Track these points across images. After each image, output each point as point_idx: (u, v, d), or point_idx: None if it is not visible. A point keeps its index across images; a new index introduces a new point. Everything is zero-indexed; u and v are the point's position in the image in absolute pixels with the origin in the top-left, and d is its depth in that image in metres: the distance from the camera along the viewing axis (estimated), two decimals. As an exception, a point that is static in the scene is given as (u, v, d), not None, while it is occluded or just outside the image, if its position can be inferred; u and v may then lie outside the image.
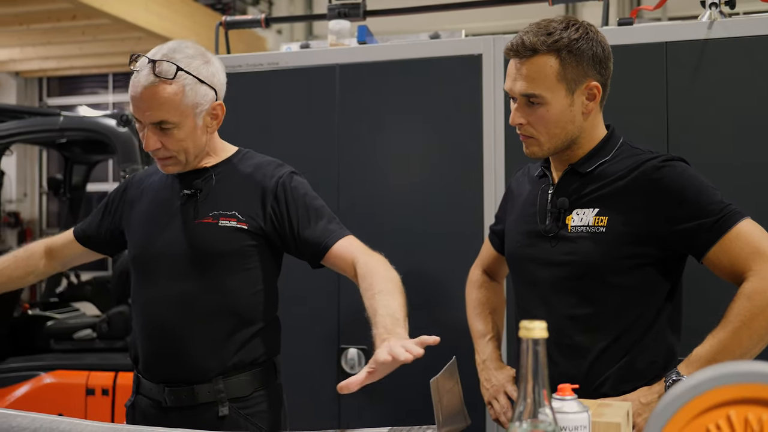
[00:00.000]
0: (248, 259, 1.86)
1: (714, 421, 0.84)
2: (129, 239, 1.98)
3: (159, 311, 1.86)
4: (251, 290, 1.87)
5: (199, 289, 1.84)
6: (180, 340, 1.83)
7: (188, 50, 1.80)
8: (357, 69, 2.72)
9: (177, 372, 1.82)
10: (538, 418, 0.93)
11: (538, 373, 0.94)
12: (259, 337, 1.87)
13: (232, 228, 1.83)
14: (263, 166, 1.92)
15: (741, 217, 1.59)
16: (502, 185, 2.54)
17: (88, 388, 3.61)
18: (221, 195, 1.87)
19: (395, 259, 2.65)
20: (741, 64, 2.37)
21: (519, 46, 1.68)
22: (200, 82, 1.79)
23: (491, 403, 1.88)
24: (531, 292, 1.77)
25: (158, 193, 1.94)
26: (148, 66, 1.74)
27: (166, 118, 1.76)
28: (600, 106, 1.74)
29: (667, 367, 1.66)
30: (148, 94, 1.74)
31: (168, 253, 1.86)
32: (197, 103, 1.80)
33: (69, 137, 3.94)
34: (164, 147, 1.80)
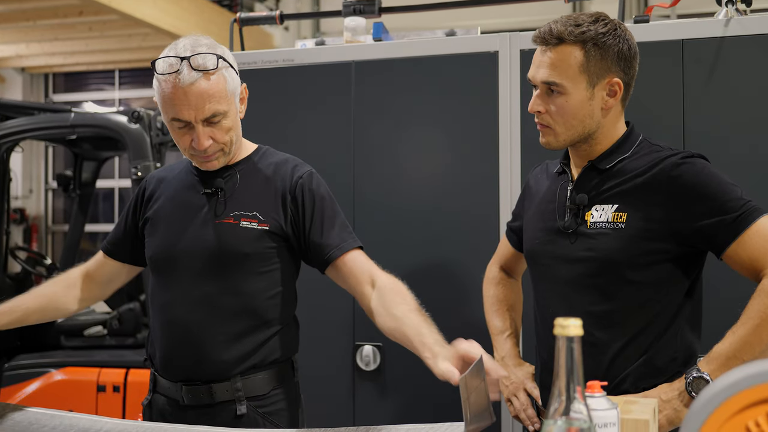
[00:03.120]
0: (268, 261, 1.85)
1: (753, 419, 0.85)
2: (147, 239, 1.95)
3: (178, 312, 1.85)
4: (271, 292, 1.86)
5: (219, 291, 1.83)
6: (199, 340, 1.83)
7: (206, 41, 1.79)
8: (373, 66, 2.72)
9: (195, 371, 1.82)
10: (572, 415, 0.93)
11: (572, 371, 0.94)
12: (278, 337, 1.87)
13: (252, 229, 1.82)
14: (283, 165, 1.91)
15: (760, 214, 1.59)
16: (518, 182, 2.54)
17: (99, 384, 3.63)
18: (242, 195, 1.86)
19: (410, 254, 2.67)
20: (758, 61, 2.37)
21: (546, 34, 1.69)
22: (230, 66, 1.80)
23: (511, 400, 1.89)
24: (550, 288, 1.78)
25: (178, 192, 1.93)
26: (184, 64, 1.70)
27: (218, 109, 1.74)
28: (622, 105, 1.74)
29: (686, 363, 1.67)
30: (196, 91, 1.70)
31: (188, 253, 1.85)
32: (235, 87, 1.80)
33: (80, 134, 3.94)
34: (215, 141, 1.77)
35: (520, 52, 2.57)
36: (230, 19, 2.95)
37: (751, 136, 2.37)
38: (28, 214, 12.11)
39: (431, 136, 2.69)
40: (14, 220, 11.00)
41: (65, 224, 11.52)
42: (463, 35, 2.76)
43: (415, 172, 2.70)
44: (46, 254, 5.08)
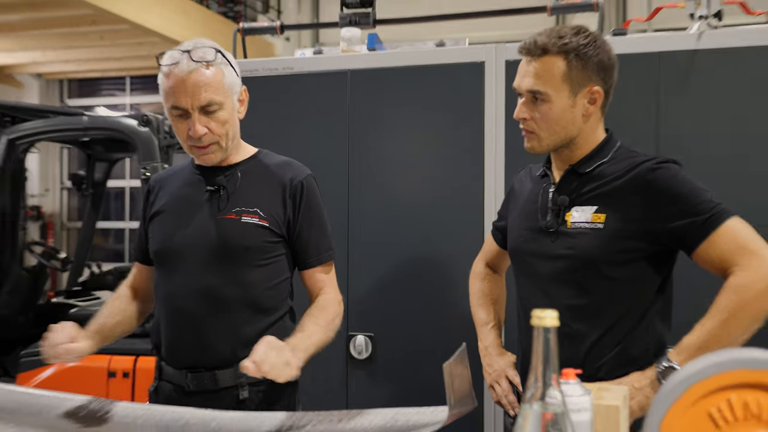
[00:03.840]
0: (267, 254, 1.85)
1: (715, 405, 0.85)
2: (151, 233, 1.95)
3: (182, 302, 1.84)
4: (269, 283, 1.86)
5: (221, 282, 1.82)
6: (202, 329, 1.82)
7: (208, 42, 1.81)
8: (367, 74, 2.73)
9: (199, 359, 1.82)
10: (547, 400, 0.94)
11: (548, 359, 0.94)
12: (276, 326, 1.86)
13: (253, 224, 1.82)
14: (283, 166, 1.91)
15: (729, 216, 1.60)
16: (503, 184, 2.55)
17: (110, 371, 3.62)
18: (244, 192, 1.86)
19: (402, 250, 2.67)
20: (728, 72, 2.39)
21: (531, 45, 1.69)
22: (230, 65, 1.81)
23: (493, 386, 1.89)
24: (532, 283, 1.78)
25: (181, 190, 1.93)
26: (184, 56, 1.73)
27: (213, 98, 1.75)
28: (601, 112, 1.75)
29: (658, 354, 1.67)
30: (193, 79, 1.72)
31: (191, 246, 1.84)
32: (233, 84, 1.81)
33: (92, 136, 3.94)
34: (210, 131, 1.77)
35: (505, 63, 2.57)
36: (234, 29, 2.95)
37: (721, 143, 2.38)
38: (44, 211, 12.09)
39: (422, 141, 2.70)
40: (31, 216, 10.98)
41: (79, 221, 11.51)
42: (451, 46, 2.77)
43: (407, 174, 2.70)
44: (60, 249, 5.06)
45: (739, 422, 0.85)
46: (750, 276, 1.55)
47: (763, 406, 0.85)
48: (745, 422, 0.85)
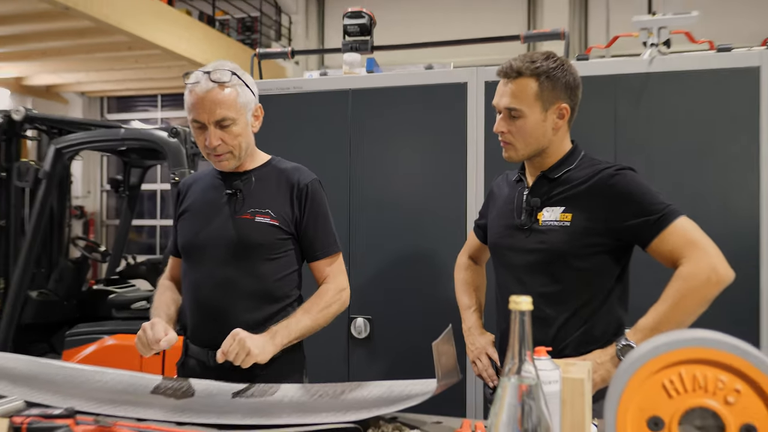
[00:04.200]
0: (278, 249, 1.84)
1: (668, 377, 0.85)
2: (180, 230, 1.94)
3: (205, 290, 1.84)
4: (279, 275, 1.85)
5: (238, 273, 1.81)
6: (222, 313, 1.82)
7: (228, 65, 1.80)
8: (366, 93, 2.72)
9: (219, 338, 1.79)
10: (523, 374, 0.93)
11: (524, 338, 0.94)
12: (286, 312, 1.84)
13: (266, 224, 1.81)
14: (293, 172, 1.90)
15: (678, 215, 1.60)
16: (482, 188, 2.55)
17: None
18: (257, 195, 1.85)
19: (396, 245, 2.67)
20: (676, 93, 2.39)
21: (508, 69, 1.69)
22: (246, 86, 1.79)
23: (475, 362, 1.89)
24: (509, 273, 1.78)
25: (205, 193, 1.92)
26: (204, 77, 1.73)
27: (227, 114, 1.74)
28: (568, 126, 1.74)
29: (617, 334, 1.67)
30: (209, 98, 1.72)
31: (212, 242, 1.84)
32: (247, 102, 1.79)
33: (128, 146, 3.92)
34: (224, 142, 1.77)
35: (484, 83, 2.57)
36: (251, 54, 2.94)
37: (669, 152, 2.39)
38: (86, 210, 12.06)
39: (413, 150, 2.69)
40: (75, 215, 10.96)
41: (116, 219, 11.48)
42: (438, 69, 2.76)
43: (400, 179, 2.70)
44: (100, 243, 5.04)
45: (688, 392, 0.85)
46: (696, 267, 1.55)
47: (708, 378, 0.85)
48: (693, 392, 0.85)
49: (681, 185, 2.33)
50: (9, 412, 1.34)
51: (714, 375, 0.84)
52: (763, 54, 2.32)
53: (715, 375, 0.84)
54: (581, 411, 1.15)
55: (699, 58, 2.40)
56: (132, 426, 1.31)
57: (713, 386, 0.84)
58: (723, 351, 0.84)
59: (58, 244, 4.36)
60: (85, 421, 1.24)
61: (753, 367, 0.81)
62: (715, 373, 0.84)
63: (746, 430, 0.81)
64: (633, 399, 0.87)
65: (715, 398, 0.83)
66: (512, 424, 0.89)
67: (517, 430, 0.88)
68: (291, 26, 11.77)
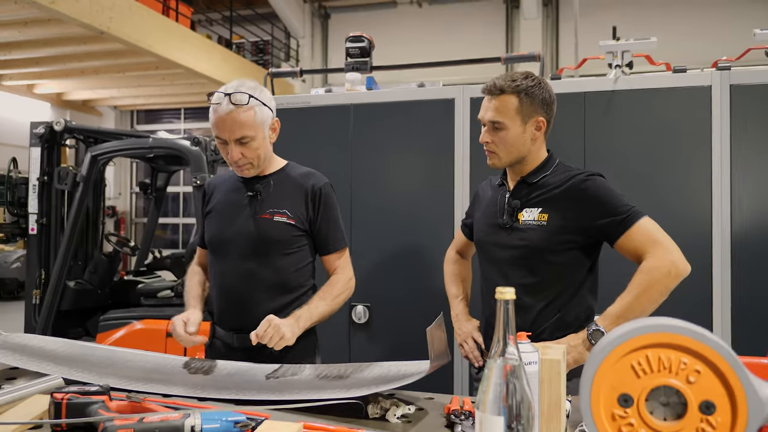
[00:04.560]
0: (293, 245, 1.82)
1: (636, 359, 0.84)
2: (207, 226, 1.93)
3: (230, 281, 1.83)
4: (295, 267, 1.83)
5: (258, 266, 1.80)
6: (245, 301, 1.80)
7: (249, 83, 1.77)
8: (366, 108, 2.71)
9: (242, 323, 1.78)
10: (507, 356, 0.93)
11: (508, 324, 0.93)
12: (301, 300, 1.82)
13: (283, 223, 1.80)
14: (307, 176, 1.88)
15: (641, 216, 1.60)
16: (468, 191, 2.54)
17: (168, 332, 3.59)
18: (276, 197, 1.83)
19: (392, 242, 2.66)
20: (637, 108, 2.39)
21: (492, 87, 1.68)
22: (263, 104, 1.76)
23: (462, 344, 1.88)
24: (493, 267, 1.77)
25: (229, 195, 1.90)
26: (225, 98, 1.70)
27: (245, 134, 1.72)
28: (545, 137, 1.74)
29: (588, 320, 1.66)
30: (229, 119, 1.70)
31: (236, 239, 1.82)
32: (264, 120, 1.76)
33: (156, 153, 3.91)
34: (244, 156, 1.76)
35: (470, 99, 2.57)
36: (263, 73, 2.92)
37: (632, 159, 2.38)
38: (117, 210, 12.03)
39: (407, 158, 2.68)
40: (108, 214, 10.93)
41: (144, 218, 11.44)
42: (429, 87, 2.76)
43: (396, 183, 2.69)
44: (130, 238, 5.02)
45: (654, 373, 0.84)
46: (657, 261, 1.54)
47: (672, 360, 0.84)
48: (658, 373, 0.84)
49: (642, 188, 2.33)
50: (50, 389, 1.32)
51: (677, 357, 0.83)
52: (713, 74, 2.32)
53: (678, 357, 0.83)
54: (558, 389, 1.15)
55: (658, 78, 2.40)
56: (159, 401, 1.29)
57: (676, 367, 0.83)
58: (685, 336, 0.83)
59: (93, 240, 4.34)
60: (118, 397, 1.23)
61: (712, 350, 0.81)
62: (678, 356, 0.83)
63: (706, 406, 0.80)
64: (605, 378, 0.87)
65: (678, 378, 0.83)
66: (498, 401, 0.88)
67: (502, 405, 0.87)
68: (299, 48, 11.77)
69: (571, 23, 10.08)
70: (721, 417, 0.79)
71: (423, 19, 11.14)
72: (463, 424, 1.23)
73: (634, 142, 2.38)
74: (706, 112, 2.30)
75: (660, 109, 2.36)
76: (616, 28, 3.75)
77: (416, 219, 2.63)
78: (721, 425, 0.79)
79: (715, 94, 2.29)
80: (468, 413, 1.25)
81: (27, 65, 9.18)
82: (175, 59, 8.35)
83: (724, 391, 0.79)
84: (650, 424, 0.82)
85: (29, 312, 3.98)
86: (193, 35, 9.04)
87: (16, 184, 4.62)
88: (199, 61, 8.83)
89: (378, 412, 1.30)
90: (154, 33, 8.01)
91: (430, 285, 2.55)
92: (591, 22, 8.81)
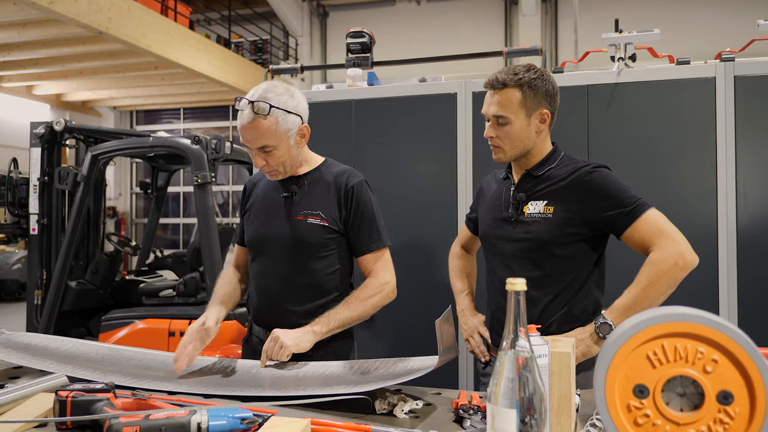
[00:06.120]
0: (327, 247, 1.77)
1: (652, 349, 0.83)
2: (246, 225, 1.89)
3: (266, 280, 1.80)
4: (329, 270, 1.78)
5: (292, 268, 1.76)
6: (278, 301, 1.77)
7: (278, 89, 1.71)
8: (367, 103, 2.70)
9: (277, 322, 1.74)
10: (518, 348, 0.91)
11: (519, 316, 0.91)
12: (336, 302, 1.76)
13: (317, 225, 1.75)
14: (341, 175, 1.82)
15: (648, 207, 1.58)
16: (471, 185, 2.52)
17: (170, 331, 3.58)
18: (310, 198, 1.79)
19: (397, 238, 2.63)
20: (641, 100, 2.37)
21: (494, 81, 1.66)
22: (288, 113, 1.70)
23: (468, 339, 1.86)
24: (498, 260, 1.75)
25: (267, 194, 1.86)
26: (248, 106, 1.65)
27: (267, 143, 1.68)
28: (549, 128, 1.72)
29: (595, 313, 1.65)
30: (251, 128, 1.66)
31: (271, 240, 1.79)
32: (288, 129, 1.71)
33: (156, 152, 3.89)
34: (267, 164, 1.73)
35: (472, 94, 2.55)
36: (262, 72, 2.91)
37: (636, 152, 2.37)
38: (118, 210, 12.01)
39: (410, 152, 2.67)
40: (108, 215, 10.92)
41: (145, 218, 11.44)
42: (431, 81, 2.74)
43: (399, 178, 2.68)
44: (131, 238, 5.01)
45: (671, 363, 0.83)
46: (665, 253, 1.52)
47: (688, 349, 0.82)
48: (674, 362, 0.83)
49: (647, 180, 2.31)
50: (54, 387, 1.31)
51: (694, 347, 0.81)
52: (717, 66, 2.30)
53: (694, 347, 0.81)
54: (568, 382, 1.13)
55: (661, 70, 2.38)
56: (165, 398, 1.28)
57: (693, 357, 0.81)
58: (703, 325, 0.81)
59: (95, 240, 4.33)
60: (124, 395, 1.21)
61: (730, 340, 0.79)
62: (695, 345, 0.82)
63: (723, 396, 0.79)
64: (620, 369, 0.85)
65: (695, 368, 0.81)
66: (510, 394, 0.86)
67: (515, 399, 0.86)
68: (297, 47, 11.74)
69: (569, 20, 10.06)
70: (739, 407, 0.78)
71: (421, 17, 11.12)
72: (472, 418, 1.22)
73: (637, 134, 2.36)
74: (711, 104, 2.28)
75: (664, 101, 2.34)
76: (618, 21, 3.73)
77: (420, 214, 2.62)
78: (739, 415, 0.78)
79: (720, 85, 2.28)
80: (476, 408, 1.24)
81: (26, 66, 9.16)
82: (174, 59, 8.33)
83: (742, 381, 0.77)
84: (666, 415, 0.80)
85: (31, 312, 3.96)
86: (192, 35, 9.01)
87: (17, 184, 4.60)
88: (198, 60, 8.80)
89: (385, 407, 1.29)
90: (152, 33, 7.99)
91: (435, 280, 2.53)
92: (590, 19, 8.79)
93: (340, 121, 2.71)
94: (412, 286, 2.61)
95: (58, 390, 1.19)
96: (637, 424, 0.79)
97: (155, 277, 4.55)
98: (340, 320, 1.72)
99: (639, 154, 2.35)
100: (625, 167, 2.26)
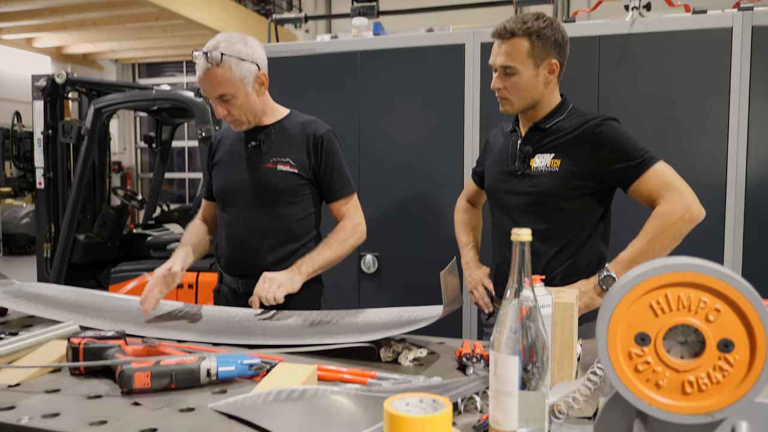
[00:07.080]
0: (297, 194, 1.82)
1: (655, 298, 0.83)
2: (214, 178, 1.93)
3: (236, 230, 1.84)
4: (299, 216, 1.83)
5: (263, 215, 1.81)
6: (250, 248, 1.81)
7: (232, 39, 1.73)
8: (373, 54, 2.65)
9: (248, 269, 1.81)
10: (522, 298, 0.92)
11: (523, 266, 0.92)
12: (307, 248, 1.83)
13: (286, 171, 1.79)
14: (309, 124, 1.85)
15: (656, 160, 1.57)
16: (478, 139, 2.50)
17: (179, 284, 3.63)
18: (278, 146, 1.82)
19: (401, 191, 2.65)
20: (655, 52, 2.32)
21: (502, 30, 1.63)
22: (242, 60, 1.71)
23: (472, 291, 1.89)
24: (504, 214, 1.75)
25: (233, 146, 1.89)
26: (202, 57, 1.69)
27: (223, 91, 1.71)
28: (557, 79, 1.69)
29: (599, 266, 1.66)
30: (205, 78, 1.69)
31: (241, 188, 1.82)
32: (243, 76, 1.72)
33: (160, 105, 3.87)
34: (230, 113, 1.75)
35: (480, 45, 2.50)
36: (265, 23, 2.86)
37: (647, 105, 2.33)
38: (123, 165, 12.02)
39: (416, 105, 2.64)
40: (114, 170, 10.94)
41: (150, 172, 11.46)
42: (438, 32, 2.68)
43: (405, 131, 2.66)
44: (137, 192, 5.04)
45: (673, 311, 0.84)
46: (671, 206, 1.52)
47: (691, 299, 0.83)
48: (677, 311, 0.84)
49: (657, 134, 2.29)
50: (66, 335, 1.34)
51: (697, 296, 0.82)
52: (735, 16, 2.24)
53: (697, 296, 0.82)
54: (570, 331, 1.15)
55: (676, 20, 2.32)
56: (174, 346, 1.31)
57: (695, 306, 0.82)
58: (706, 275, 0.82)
59: (101, 194, 4.35)
60: (134, 342, 1.24)
61: (733, 289, 0.80)
62: (698, 294, 0.82)
63: (724, 344, 0.80)
64: (623, 317, 0.86)
65: (697, 316, 0.82)
66: (513, 341, 0.88)
67: (518, 347, 0.87)
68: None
69: (582, -32, 9.75)
70: (739, 355, 0.79)
71: (429, -35, 10.80)
72: (475, 366, 1.25)
73: (649, 87, 2.32)
74: (726, 56, 2.23)
75: (678, 53, 2.29)
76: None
77: (426, 167, 2.61)
78: (738, 363, 0.79)
79: (737, 36, 2.22)
80: (479, 356, 1.26)
81: (25, 18, 9.02)
82: (175, 10, 8.17)
83: (744, 330, 0.78)
84: (667, 362, 0.82)
85: (41, 265, 4.03)
86: (193, -16, 8.81)
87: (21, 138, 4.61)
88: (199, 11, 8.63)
89: (390, 355, 1.32)
90: (153, -18, 7.81)
91: (439, 233, 2.55)
92: (604, -34, 8.51)
93: (345, 73, 2.67)
94: (417, 240, 2.63)
95: (71, 337, 1.22)
96: (638, 371, 0.81)
97: (162, 230, 4.60)
98: (323, 260, 1.78)
99: (649, 108, 2.32)
100: (634, 121, 2.23)
